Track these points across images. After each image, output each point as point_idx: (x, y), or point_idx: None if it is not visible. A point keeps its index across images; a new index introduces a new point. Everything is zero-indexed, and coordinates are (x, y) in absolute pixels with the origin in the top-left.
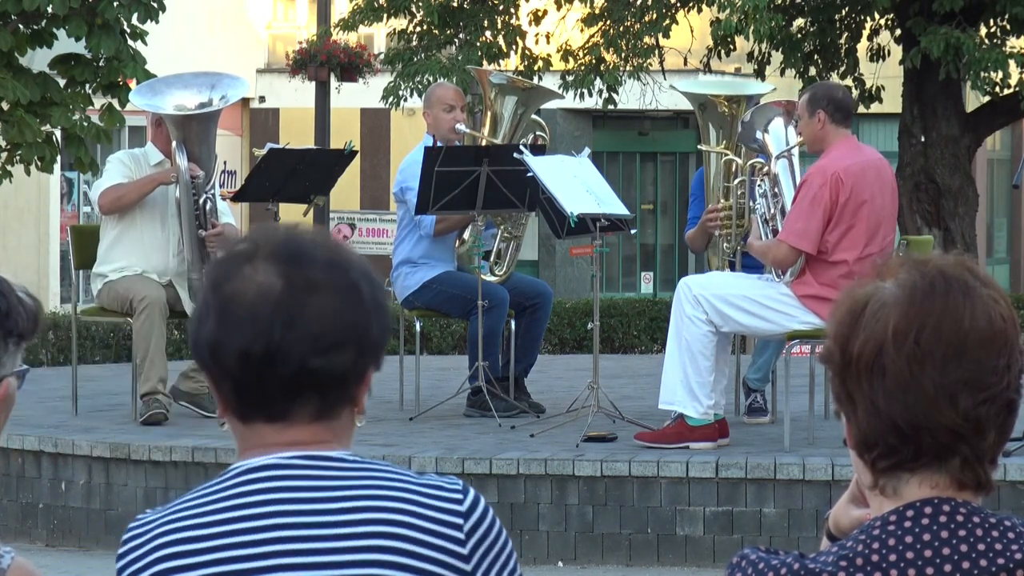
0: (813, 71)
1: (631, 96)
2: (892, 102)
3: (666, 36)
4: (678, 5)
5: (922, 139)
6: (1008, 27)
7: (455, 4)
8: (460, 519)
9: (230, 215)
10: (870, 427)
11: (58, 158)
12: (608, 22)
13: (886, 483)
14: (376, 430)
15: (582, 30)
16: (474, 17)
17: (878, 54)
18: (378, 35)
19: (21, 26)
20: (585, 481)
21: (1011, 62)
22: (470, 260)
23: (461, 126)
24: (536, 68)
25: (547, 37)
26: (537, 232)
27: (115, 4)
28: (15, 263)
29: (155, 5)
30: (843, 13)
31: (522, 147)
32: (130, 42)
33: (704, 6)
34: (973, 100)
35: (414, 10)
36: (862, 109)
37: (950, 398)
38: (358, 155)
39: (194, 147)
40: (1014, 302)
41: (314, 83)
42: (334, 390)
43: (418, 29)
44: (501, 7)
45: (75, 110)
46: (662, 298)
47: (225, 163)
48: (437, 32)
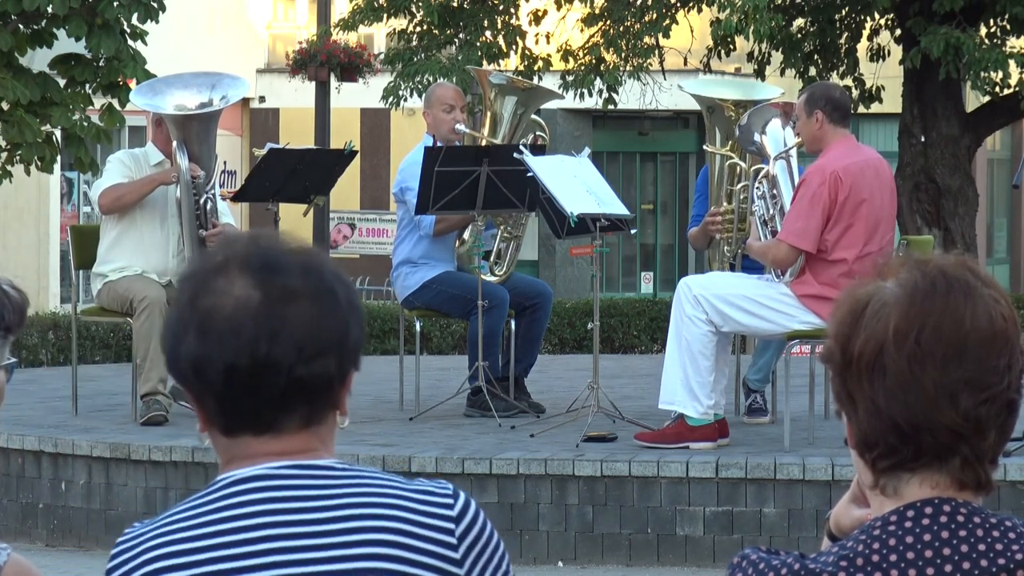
0: (813, 71)
1: (631, 96)
2: (892, 102)
3: (666, 36)
4: (678, 5)
5: (922, 139)
6: (1008, 27)
7: (455, 4)
8: (452, 524)
9: (230, 215)
10: (871, 427)
11: (58, 158)
12: (608, 22)
13: (887, 483)
14: (376, 430)
15: (582, 30)
16: (474, 17)
17: (878, 54)
18: (378, 35)
19: (21, 26)
20: (585, 481)
21: (1011, 62)
22: (470, 260)
23: (461, 126)
24: (536, 68)
25: (547, 37)
26: (537, 232)
27: (115, 4)
28: (15, 263)
29: (155, 5)
30: (843, 13)
31: (522, 147)
32: (130, 42)
33: (704, 6)
34: (973, 100)
35: (414, 10)
36: (862, 109)
37: (951, 398)
38: (358, 155)
39: (194, 147)
40: (1014, 302)
41: (314, 83)
42: (321, 397)
43: (418, 29)
44: (501, 7)
45: (75, 110)
46: (662, 298)
47: (225, 163)
48: (437, 32)
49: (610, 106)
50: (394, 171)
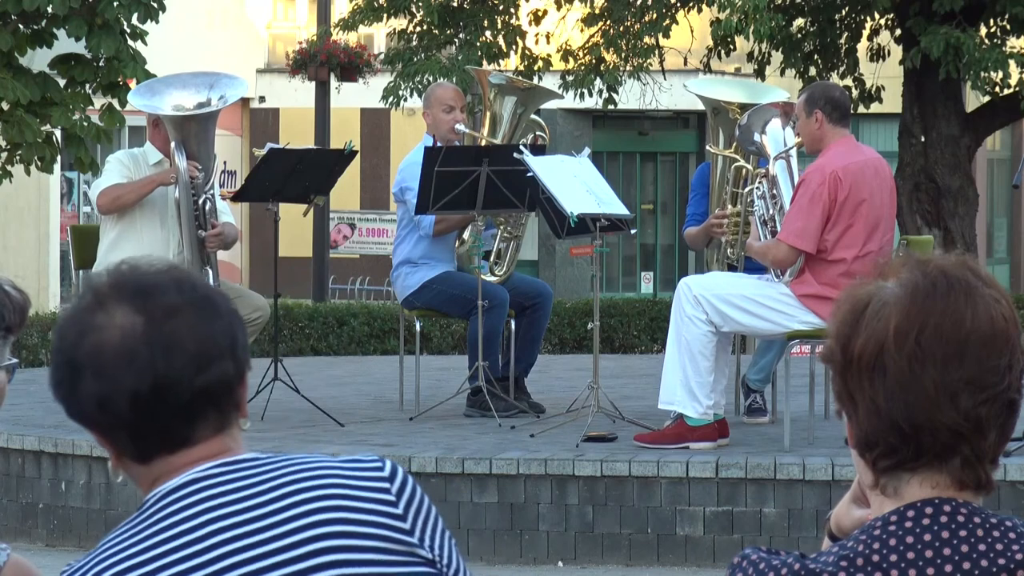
0: (813, 71)
1: (631, 96)
2: (892, 102)
3: (666, 36)
4: (678, 5)
5: (922, 139)
6: (1008, 27)
7: (455, 4)
8: (387, 483)
9: (230, 215)
10: (871, 426)
11: (58, 158)
12: (608, 22)
13: (887, 483)
14: (376, 430)
15: (582, 30)
16: (474, 17)
17: (878, 54)
18: (378, 35)
19: (21, 26)
20: (585, 481)
21: (1011, 62)
22: (470, 260)
23: (461, 126)
24: (536, 68)
25: (547, 37)
26: (537, 232)
27: (115, 4)
28: (15, 263)
29: (155, 5)
30: (843, 13)
31: (522, 147)
32: (130, 42)
33: (704, 6)
34: (973, 100)
35: (414, 10)
36: (862, 109)
37: (951, 398)
38: (358, 155)
39: (193, 147)
40: (1014, 302)
41: (314, 83)
42: (225, 400)
43: (418, 29)
44: (501, 7)
45: (75, 110)
46: (662, 298)
47: (225, 163)
48: (437, 32)
49: (610, 106)
50: (394, 171)
